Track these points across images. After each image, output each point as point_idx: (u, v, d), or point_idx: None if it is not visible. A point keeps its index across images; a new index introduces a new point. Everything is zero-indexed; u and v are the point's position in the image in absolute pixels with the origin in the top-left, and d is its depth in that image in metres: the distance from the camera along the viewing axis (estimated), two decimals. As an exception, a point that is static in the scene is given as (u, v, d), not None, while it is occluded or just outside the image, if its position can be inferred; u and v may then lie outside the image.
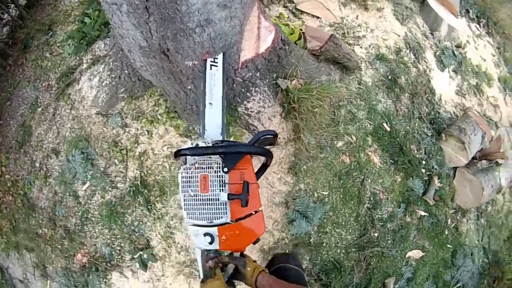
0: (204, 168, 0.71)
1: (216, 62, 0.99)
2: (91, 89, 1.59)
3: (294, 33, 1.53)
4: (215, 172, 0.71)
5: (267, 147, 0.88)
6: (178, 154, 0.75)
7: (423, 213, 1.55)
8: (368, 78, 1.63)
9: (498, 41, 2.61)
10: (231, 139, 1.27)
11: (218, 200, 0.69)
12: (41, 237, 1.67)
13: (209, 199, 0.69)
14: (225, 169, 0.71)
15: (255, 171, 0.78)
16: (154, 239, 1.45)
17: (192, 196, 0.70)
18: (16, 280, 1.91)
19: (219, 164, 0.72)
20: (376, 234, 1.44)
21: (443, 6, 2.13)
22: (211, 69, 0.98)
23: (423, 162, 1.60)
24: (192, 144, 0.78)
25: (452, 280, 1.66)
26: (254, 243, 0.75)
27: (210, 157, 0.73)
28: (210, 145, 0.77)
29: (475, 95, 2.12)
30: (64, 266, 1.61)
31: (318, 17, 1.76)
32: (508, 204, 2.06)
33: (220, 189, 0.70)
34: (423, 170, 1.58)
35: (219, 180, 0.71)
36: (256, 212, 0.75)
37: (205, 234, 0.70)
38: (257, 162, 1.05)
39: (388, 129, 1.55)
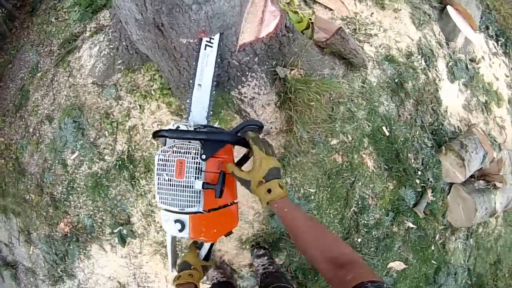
0: (181, 153, 0.68)
1: (212, 43, 0.94)
2: (90, 58, 1.56)
3: (302, 21, 1.46)
4: (192, 158, 0.67)
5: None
6: (156, 135, 0.71)
7: (411, 225, 1.50)
8: (373, 78, 1.56)
9: (514, 63, 2.51)
10: (216, 125, 1.23)
11: (192, 188, 0.66)
12: (28, 203, 1.68)
13: (183, 185, 0.66)
14: (203, 156, 0.67)
15: (236, 161, 0.75)
16: (135, 216, 1.44)
17: (166, 181, 0.67)
18: (1, 243, 1.94)
19: (198, 150, 0.67)
20: (359, 240, 1.40)
21: (462, 18, 2.04)
22: (205, 49, 0.93)
23: (419, 172, 1.54)
24: (173, 126, 0.74)
25: (432, 297, 1.62)
26: (226, 235, 0.73)
27: (190, 142, 0.69)
28: (192, 128, 0.74)
29: (483, 113, 2.04)
30: (47, 234, 1.63)
31: (330, 9, 1.69)
32: (500, 228, 2.00)
33: (195, 177, 0.66)
34: (418, 181, 1.52)
35: (196, 167, 0.66)
36: (231, 204, 0.72)
37: (176, 221, 0.68)
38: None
39: (387, 133, 1.49)
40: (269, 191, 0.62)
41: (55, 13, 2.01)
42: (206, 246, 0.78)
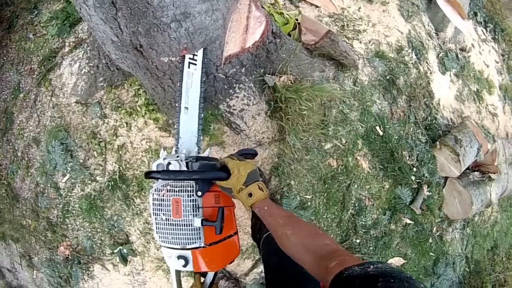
0: (176, 191, 0.67)
1: (195, 60, 0.91)
2: (71, 75, 1.52)
3: (288, 23, 1.42)
4: (188, 196, 0.66)
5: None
6: (148, 176, 0.69)
7: (408, 221, 1.51)
8: (364, 77, 1.53)
9: (503, 48, 2.49)
10: (206, 142, 1.18)
11: (192, 226, 0.66)
12: (25, 228, 1.66)
13: (182, 224, 0.66)
14: (199, 193, 0.67)
15: None
16: (133, 234, 1.44)
17: (164, 220, 0.67)
18: (4, 269, 1.94)
19: (193, 187, 0.67)
20: (358, 241, 1.41)
21: (451, 7, 2.00)
22: (189, 67, 0.90)
23: (414, 169, 1.54)
24: (164, 161, 0.72)
25: (431, 288, 1.66)
26: (229, 263, 0.74)
27: (183, 180, 0.69)
28: (183, 163, 0.72)
29: (475, 102, 2.04)
30: (49, 257, 1.62)
31: (317, 6, 1.64)
32: (495, 215, 2.04)
33: (193, 214, 0.66)
34: (413, 178, 1.53)
35: (193, 204, 0.66)
36: (231, 235, 0.73)
37: (179, 257, 0.68)
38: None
39: (381, 133, 1.48)
40: (250, 195, 0.64)
41: (32, 29, 1.93)
42: (211, 274, 0.77)
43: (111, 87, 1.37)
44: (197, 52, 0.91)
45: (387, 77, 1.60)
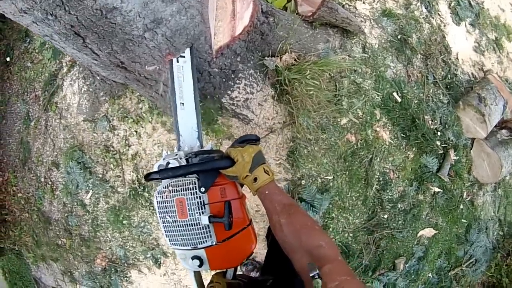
0: (179, 191, 0.63)
1: (184, 55, 0.86)
2: (74, 95, 1.54)
3: None
4: (191, 194, 0.62)
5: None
6: (148, 178, 0.66)
7: (437, 190, 1.43)
8: (374, 40, 1.40)
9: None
10: (213, 140, 1.11)
11: (200, 225, 0.62)
12: (61, 247, 1.75)
13: (189, 224, 0.63)
14: (202, 189, 0.62)
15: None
16: (162, 238, 1.46)
17: (170, 222, 0.64)
18: (49, 287, 2.05)
19: (195, 184, 0.62)
20: (385, 216, 1.35)
21: None
22: (178, 61, 0.85)
23: (438, 133, 1.43)
24: (163, 161, 0.68)
25: (464, 256, 1.60)
26: (248, 257, 0.70)
27: (185, 177, 0.65)
28: (183, 160, 0.68)
29: (495, 52, 1.86)
30: (88, 270, 1.71)
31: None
32: (529, 170, 1.92)
33: (200, 212, 0.62)
34: (438, 143, 1.42)
35: (197, 202, 0.62)
36: (244, 228, 0.68)
37: (193, 258, 0.65)
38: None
39: (399, 99, 1.37)
40: (255, 179, 0.62)
41: (29, 57, 1.96)
42: (230, 271, 0.74)
43: (113, 98, 1.37)
44: (183, 53, 0.86)
45: (398, 37, 1.46)
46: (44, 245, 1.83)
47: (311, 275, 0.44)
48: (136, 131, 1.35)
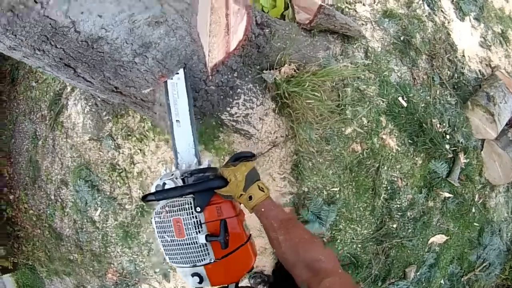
0: (175, 211, 0.64)
1: (178, 73, 0.86)
2: (78, 115, 1.56)
3: (277, 5, 1.22)
4: (187, 214, 0.63)
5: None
6: (145, 200, 0.68)
7: (447, 195, 1.38)
8: (376, 43, 1.34)
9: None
10: (211, 156, 1.09)
11: (197, 243, 0.63)
12: (73, 262, 1.79)
13: (187, 243, 0.63)
14: (198, 209, 0.63)
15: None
16: None
17: (169, 242, 0.65)
18: None
19: (191, 203, 0.63)
20: (394, 225, 1.32)
21: None
22: (171, 78, 0.85)
23: (447, 136, 1.39)
24: (161, 179, 0.69)
25: (477, 260, 1.56)
26: (247, 272, 0.71)
27: (181, 197, 0.65)
28: (179, 180, 0.68)
29: (501, 45, 1.80)
30: (100, 285, 1.73)
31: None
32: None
33: (196, 231, 0.62)
34: (447, 146, 1.38)
35: (194, 222, 0.62)
36: (242, 245, 0.68)
37: (193, 275, 0.66)
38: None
39: (405, 104, 1.32)
40: (250, 198, 0.62)
41: (33, 76, 1.99)
42: (231, 286, 0.74)
43: (116, 117, 1.39)
44: (177, 73, 0.85)
45: (402, 38, 1.40)
46: (57, 260, 1.87)
47: None
48: (140, 149, 1.37)
